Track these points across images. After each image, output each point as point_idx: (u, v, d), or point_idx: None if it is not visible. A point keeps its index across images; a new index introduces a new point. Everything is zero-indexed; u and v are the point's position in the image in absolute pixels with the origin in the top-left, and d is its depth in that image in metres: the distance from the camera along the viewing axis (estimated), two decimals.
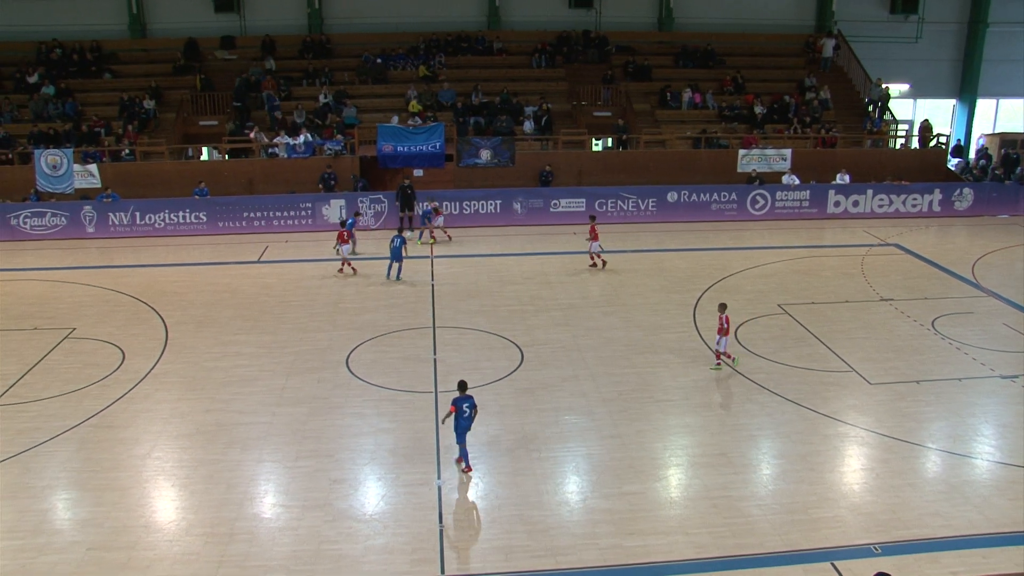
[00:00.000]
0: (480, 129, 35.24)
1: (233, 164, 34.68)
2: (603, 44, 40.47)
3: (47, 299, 25.20)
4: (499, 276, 26.14)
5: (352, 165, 33.89)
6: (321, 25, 40.74)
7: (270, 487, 15.12)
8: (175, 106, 37.27)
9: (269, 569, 12.71)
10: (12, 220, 31.85)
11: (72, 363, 20.51)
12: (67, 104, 36.66)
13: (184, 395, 18.62)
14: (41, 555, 13.24)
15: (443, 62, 39.35)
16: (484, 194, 32.56)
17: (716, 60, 40.36)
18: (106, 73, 39.00)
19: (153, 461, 16.01)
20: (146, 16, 40.63)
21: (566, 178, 34.32)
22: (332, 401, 18.03)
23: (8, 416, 17.86)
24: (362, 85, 38.44)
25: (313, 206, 32.06)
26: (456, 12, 41.09)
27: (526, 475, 15.06)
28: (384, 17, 40.81)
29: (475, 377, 18.92)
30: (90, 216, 31.99)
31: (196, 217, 32.04)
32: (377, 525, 13.75)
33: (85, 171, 32.60)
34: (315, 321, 22.83)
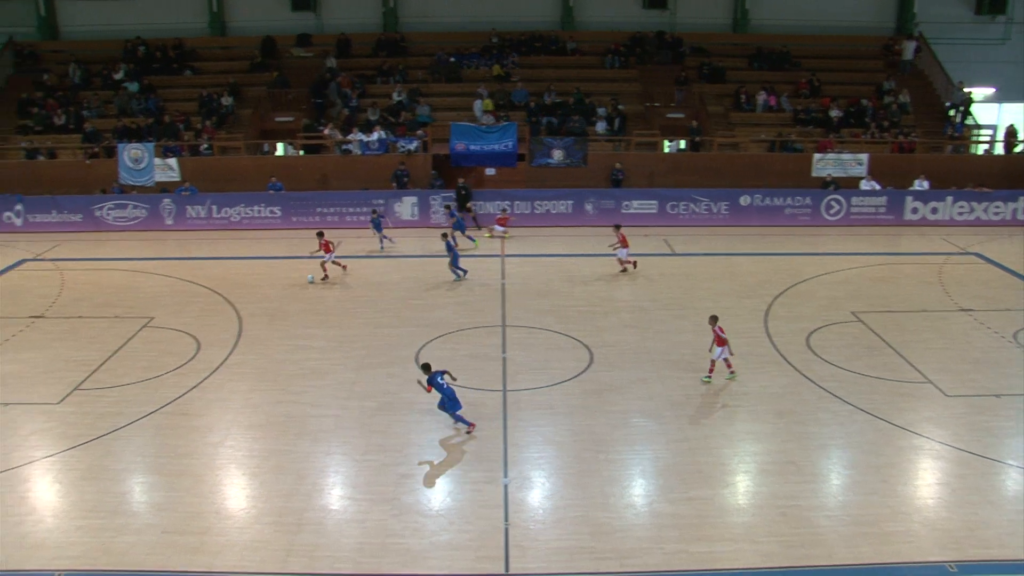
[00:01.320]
0: (552, 129, 35.24)
1: (307, 160, 35.16)
2: (677, 45, 40.16)
3: (128, 288, 25.86)
4: (569, 276, 26.12)
5: (425, 163, 34.13)
6: (396, 23, 41.11)
7: (338, 479, 15.36)
8: (252, 102, 37.92)
9: (336, 560, 12.91)
10: (96, 211, 32.79)
11: (150, 351, 21.05)
12: (149, 100, 37.54)
13: (256, 386, 18.98)
14: (119, 535, 13.66)
15: (516, 61, 39.41)
16: (556, 194, 32.53)
17: (792, 62, 39.80)
18: (187, 70, 39.85)
19: (226, 449, 16.36)
20: (226, 14, 41.43)
21: (637, 179, 34.15)
22: (401, 396, 18.21)
23: (90, 401, 18.41)
24: (435, 84, 38.69)
25: (386, 203, 32.37)
26: (530, 12, 41.12)
27: (592, 476, 15.07)
28: (458, 16, 41.04)
29: (543, 377, 19.02)
30: (169, 209, 32.74)
31: (271, 211, 32.58)
32: (443, 521, 13.88)
33: (165, 165, 33.40)
34: (385, 317, 23.07)
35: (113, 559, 13.04)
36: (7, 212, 33.03)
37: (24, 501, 14.86)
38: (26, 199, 33.01)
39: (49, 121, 37.08)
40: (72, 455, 16.23)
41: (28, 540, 13.65)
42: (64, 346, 21.60)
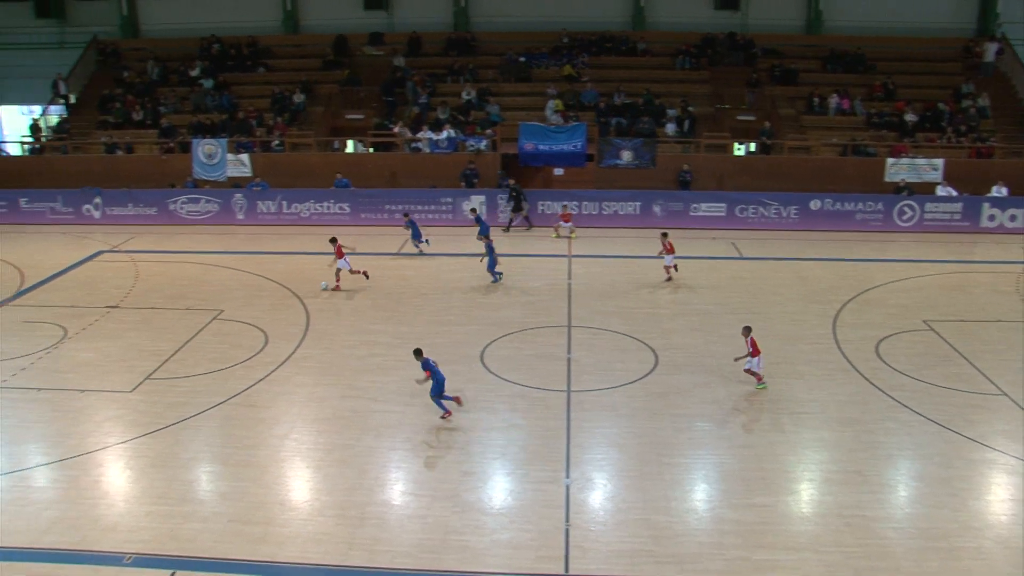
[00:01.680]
0: (622, 130, 35.11)
1: (377, 157, 35.48)
2: (749, 47, 39.70)
3: (199, 281, 26.38)
4: (636, 278, 25.99)
5: (494, 162, 34.22)
6: (467, 23, 41.29)
7: (401, 475, 15.48)
8: (324, 100, 38.39)
9: (396, 555, 13.02)
10: (171, 205, 33.53)
11: (219, 343, 21.44)
12: (223, 97, 38.23)
13: (322, 380, 19.22)
14: (187, 522, 13.94)
15: (586, 62, 39.32)
16: (624, 195, 32.39)
17: (866, 65, 39.06)
18: (260, 67, 40.49)
19: (291, 442, 16.59)
20: (299, 13, 42.00)
21: (706, 182, 33.84)
22: (465, 394, 18.23)
23: (161, 390, 18.82)
24: (505, 83, 38.77)
25: (454, 201, 32.55)
26: (600, 12, 40.94)
27: (655, 480, 14.98)
28: (528, 16, 41.04)
29: (608, 379, 18.96)
30: (240, 204, 33.31)
31: (340, 208, 32.96)
32: (504, 519, 13.91)
33: (238, 160, 33.98)
34: (451, 315, 23.18)
35: (180, 545, 13.32)
36: (86, 205, 33.97)
37: (97, 485, 15.28)
38: (104, 192, 33.92)
39: (128, 117, 38.01)
40: (143, 442, 16.61)
41: (101, 523, 14.03)
42: (137, 336, 22.12)
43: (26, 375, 19.81)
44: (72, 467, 15.83)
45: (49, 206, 34.28)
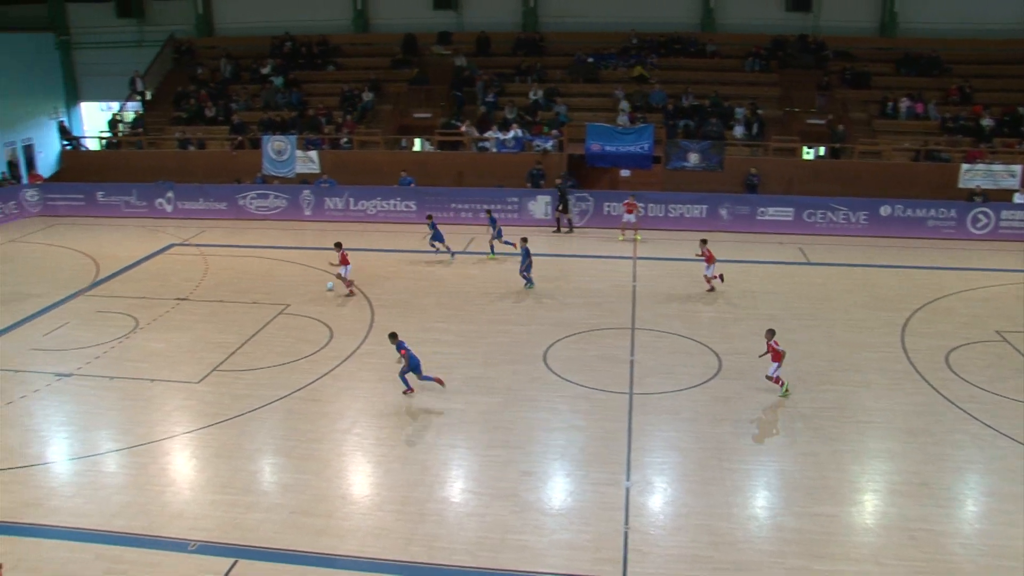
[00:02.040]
0: (689, 132, 34.84)
1: (444, 156, 35.65)
2: (820, 49, 39.07)
3: (266, 276, 26.78)
4: (701, 282, 25.72)
5: (560, 163, 34.18)
6: (536, 23, 41.29)
7: (461, 473, 15.54)
8: (392, 98, 38.71)
9: (454, 552, 13.08)
10: (240, 200, 34.12)
11: (285, 337, 21.74)
12: (293, 94, 38.75)
13: (386, 376, 19.34)
14: (250, 512, 14.17)
15: (655, 63, 39.08)
16: (690, 198, 32.12)
17: (942, 68, 38.19)
18: (330, 65, 40.95)
19: (353, 436, 16.77)
20: (369, 12, 42.38)
21: (774, 186, 33.43)
22: (527, 394, 18.30)
23: (227, 382, 19.15)
24: (572, 84, 38.70)
25: (520, 201, 32.59)
26: (670, 13, 40.62)
27: (716, 485, 14.85)
28: (597, 17, 40.89)
29: (670, 382, 18.84)
30: (308, 200, 33.74)
31: (406, 206, 33.21)
32: (563, 520, 13.89)
33: (306, 157, 34.42)
34: (515, 314, 23.21)
35: (243, 534, 13.55)
36: (159, 199, 34.73)
37: (165, 473, 15.61)
38: (176, 187, 34.63)
39: (201, 113, 38.74)
40: (209, 432, 16.92)
41: (168, 509, 14.34)
42: (205, 328, 22.53)
43: (99, 363, 20.33)
44: (141, 454, 16.20)
45: (124, 199, 35.16)
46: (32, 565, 12.89)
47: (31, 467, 15.93)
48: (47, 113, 42.67)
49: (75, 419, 17.80)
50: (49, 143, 42.60)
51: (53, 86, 43.80)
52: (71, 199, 35.78)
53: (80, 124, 45.47)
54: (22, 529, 13.90)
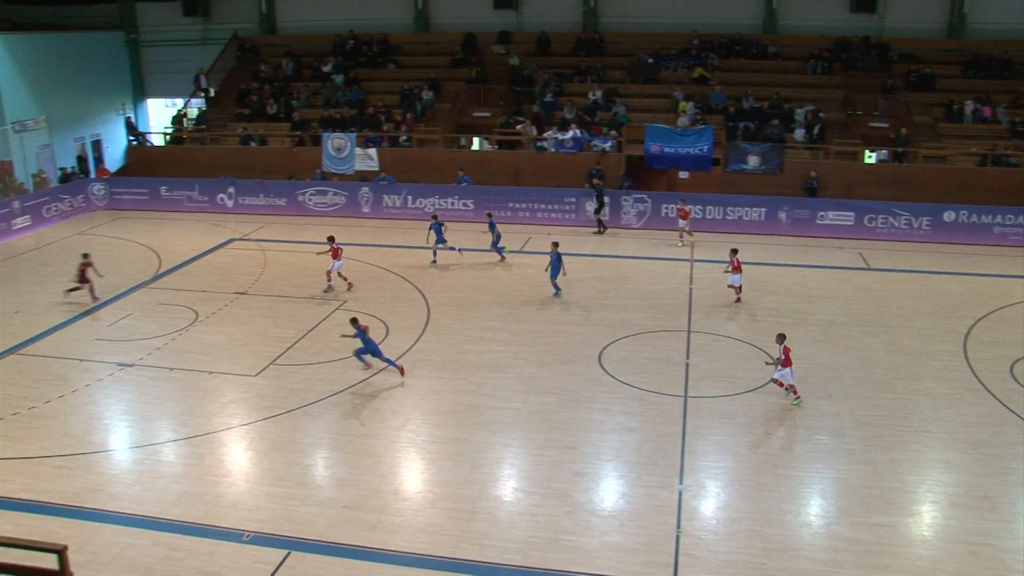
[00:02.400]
0: (749, 134, 34.49)
1: (502, 155, 35.71)
2: (884, 51, 38.42)
3: (324, 271, 26.93)
4: (758, 285, 25.48)
5: (619, 163, 34.05)
6: (596, 23, 41.18)
7: (514, 472, 15.55)
8: (451, 97, 38.86)
9: (505, 551, 13.09)
10: (299, 196, 34.52)
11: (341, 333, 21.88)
12: (354, 92, 39.07)
13: (440, 374, 19.46)
14: (303, 505, 14.34)
15: (715, 64, 38.75)
16: (749, 201, 31.77)
17: (1012, 70, 37.28)
18: (390, 64, 41.23)
19: (407, 433, 16.86)
20: (430, 11, 42.61)
21: (834, 190, 32.93)
22: (581, 395, 18.26)
23: (284, 376, 19.39)
24: (632, 84, 38.53)
25: (577, 201, 32.51)
26: (732, 14, 40.22)
27: (770, 491, 14.68)
28: (658, 17, 40.64)
29: (725, 386, 18.67)
30: (367, 197, 34.02)
31: (463, 204, 33.32)
32: (614, 522, 13.85)
33: (365, 155, 34.67)
34: (570, 315, 23.16)
35: (296, 527, 13.70)
36: (220, 194, 35.25)
37: (221, 464, 15.86)
38: (237, 182, 35.12)
39: (262, 110, 39.24)
40: (264, 425, 17.13)
41: (224, 500, 14.56)
42: (263, 322, 22.82)
43: (160, 355, 20.70)
44: (199, 445, 16.47)
45: (186, 194, 35.76)
46: (95, 549, 13.20)
47: (94, 454, 16.30)
48: (115, 109, 43.60)
49: (136, 408, 18.17)
50: (116, 138, 43.56)
51: (121, 83, 44.75)
52: (136, 193, 36.49)
53: (146, 120, 46.40)
54: (85, 513, 14.26)
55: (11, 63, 37.05)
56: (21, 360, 20.76)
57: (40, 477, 15.40)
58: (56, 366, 20.31)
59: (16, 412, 17.90)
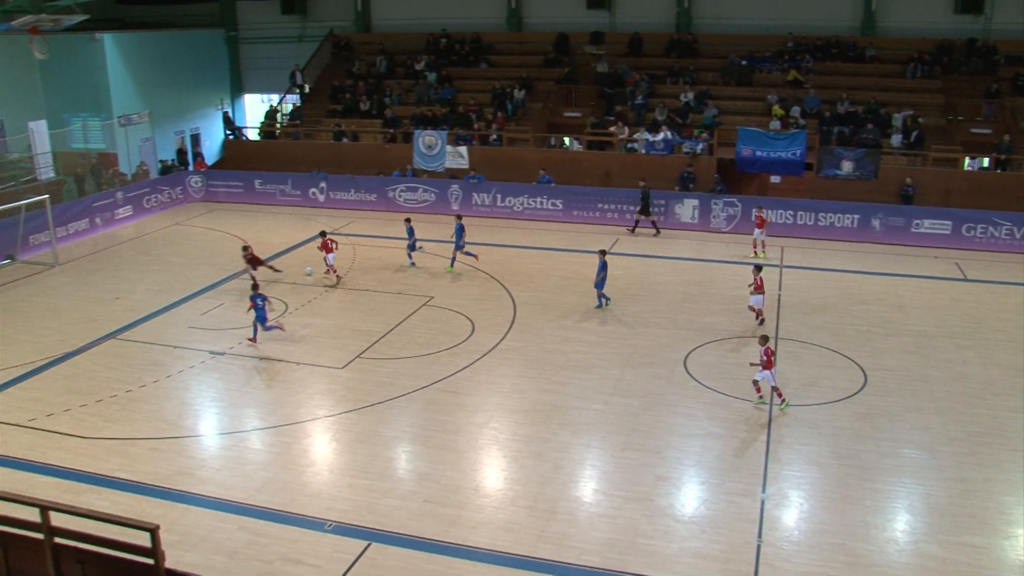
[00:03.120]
0: (844, 139, 33.74)
1: (592, 156, 35.60)
2: (990, 54, 37.13)
3: (409, 268, 27.28)
4: (849, 293, 24.96)
5: (710, 166, 33.67)
6: (689, 24, 40.77)
7: (595, 473, 15.52)
8: (542, 96, 38.89)
9: (583, 552, 13.08)
10: (390, 192, 34.95)
11: (427, 329, 22.14)
12: (445, 90, 39.39)
13: (524, 372, 19.50)
14: (385, 498, 14.53)
15: (810, 67, 38.02)
16: (842, 207, 31.07)
17: None
18: (482, 63, 41.44)
19: (489, 430, 16.94)
20: (523, 11, 42.69)
21: (931, 197, 32.00)
22: (665, 398, 18.13)
23: (369, 369, 19.66)
24: (725, 86, 38.06)
25: (666, 203, 32.24)
26: (829, 16, 39.33)
27: (855, 504, 14.37)
28: (752, 18, 40.00)
29: (812, 394, 18.34)
30: (456, 194, 34.27)
31: (552, 204, 33.32)
32: (695, 528, 13.72)
33: (456, 152, 34.89)
34: (657, 317, 22.98)
35: (377, 519, 13.88)
36: (312, 188, 35.89)
37: (306, 453, 16.17)
38: (329, 177, 35.71)
39: (355, 106, 39.81)
40: (349, 417, 17.40)
41: (308, 489, 14.85)
42: (351, 316, 23.18)
43: (250, 344, 21.14)
44: (285, 434, 16.81)
45: (280, 188, 36.51)
46: (183, 530, 13.59)
47: (185, 438, 16.78)
48: (213, 104, 44.72)
49: (225, 396, 18.64)
50: (214, 132, 44.73)
51: (220, 79, 45.95)
52: (231, 186, 37.42)
53: (243, 115, 47.51)
54: (175, 495, 14.70)
55: (119, 60, 38.34)
56: (120, 345, 21.49)
57: (135, 458, 15.93)
58: (152, 352, 20.96)
59: (114, 395, 18.54)
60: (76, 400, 18.31)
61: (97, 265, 27.78)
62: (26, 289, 25.96)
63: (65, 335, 22.09)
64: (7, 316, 23.63)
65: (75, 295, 25.38)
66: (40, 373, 19.82)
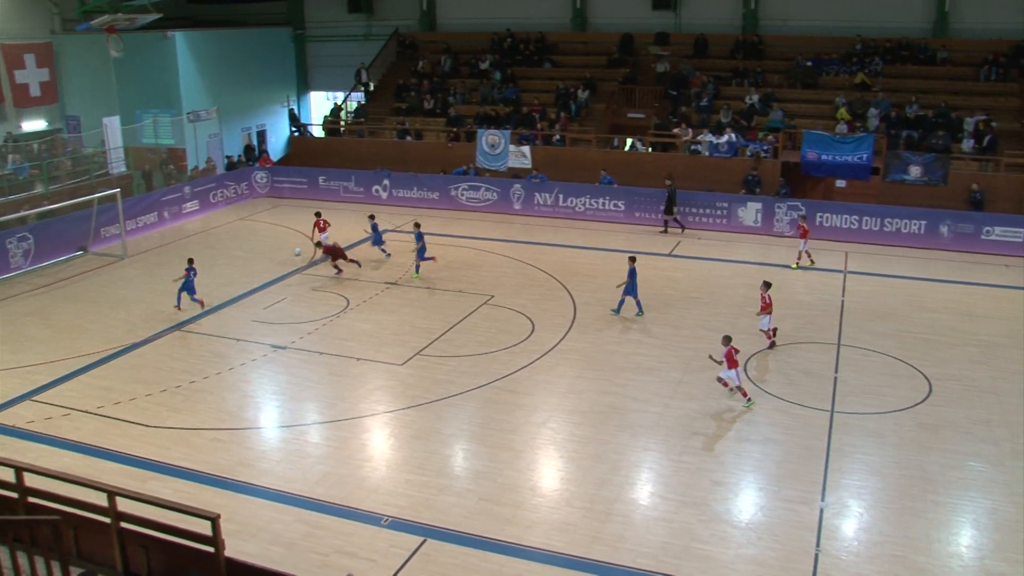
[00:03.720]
0: (912, 143, 33.11)
1: (655, 157, 35.42)
2: None
3: (473, 266, 27.45)
4: (915, 301, 24.50)
5: (774, 169, 33.28)
6: (755, 25, 40.32)
7: (652, 476, 15.47)
8: (606, 97, 38.77)
9: (638, 555, 13.03)
10: (452, 191, 35.11)
11: (487, 328, 22.22)
12: (509, 89, 39.47)
13: (583, 373, 19.48)
14: (441, 494, 14.62)
15: (879, 70, 37.35)
16: (909, 212, 30.45)
17: None
18: (547, 63, 41.44)
19: (547, 430, 16.96)
20: (588, 11, 42.56)
21: (1003, 204, 31.18)
22: (725, 403, 18.00)
23: (429, 366, 19.79)
24: (791, 89, 37.58)
25: (729, 206, 31.94)
26: (900, 17, 38.47)
27: (917, 517, 14.10)
28: (821, 20, 39.37)
29: (874, 403, 18.04)
30: (518, 194, 34.32)
31: (614, 205, 33.22)
32: (751, 535, 13.59)
33: (519, 152, 34.96)
34: (717, 321, 22.75)
35: (433, 515, 13.97)
36: (376, 185, 36.24)
37: (364, 448, 16.36)
38: (392, 175, 36.00)
39: (419, 105, 40.08)
40: (407, 414, 17.54)
41: (365, 483, 15.01)
42: (411, 313, 23.35)
43: (311, 339, 21.45)
44: (343, 428, 17.00)
45: (343, 185, 36.94)
46: (243, 519, 13.82)
47: (246, 429, 17.08)
48: (279, 101, 45.31)
49: (286, 389, 18.92)
50: (279, 129, 45.31)
51: (287, 76, 46.53)
52: (295, 182, 37.93)
53: (308, 112, 48.07)
54: (236, 485, 14.97)
55: (189, 57, 39.05)
56: (185, 336, 21.93)
57: (197, 448, 16.24)
58: (215, 344, 21.35)
59: (179, 385, 18.92)
60: (142, 389, 18.74)
61: (164, 258, 28.35)
62: (97, 280, 26.63)
63: (133, 325, 22.63)
64: (79, 306, 24.26)
65: (142, 287, 25.95)
66: (109, 362, 20.34)
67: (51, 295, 25.33)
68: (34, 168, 33.94)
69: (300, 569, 12.36)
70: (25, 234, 27.43)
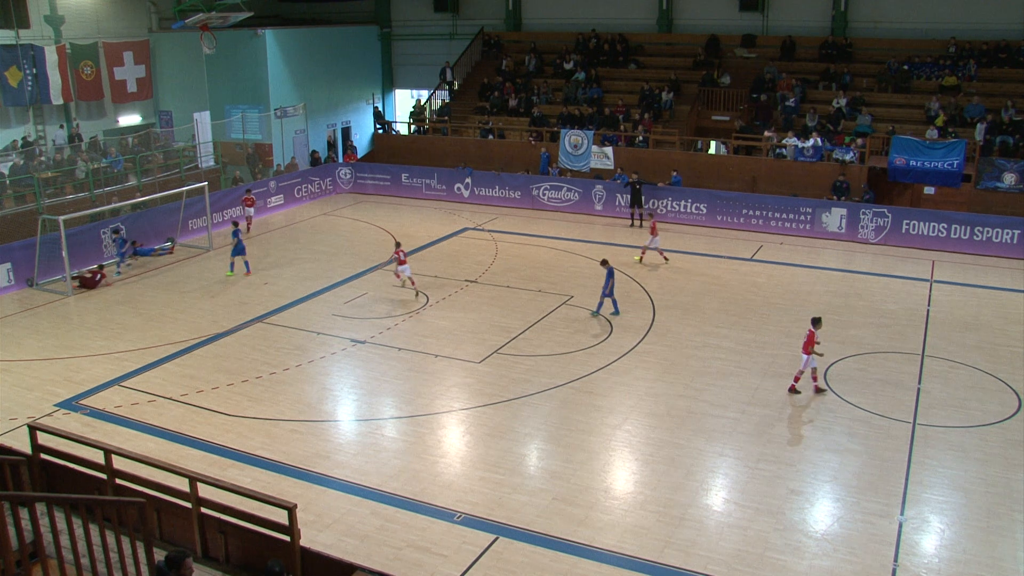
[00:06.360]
0: (1007, 150, 32.16)
1: (739, 160, 35.02)
2: None
3: (553, 266, 27.47)
4: (1007, 313, 23.77)
5: (860, 175, 32.64)
6: (845, 28, 39.54)
7: (727, 482, 15.31)
8: (690, 99, 38.45)
9: (711, 562, 12.92)
10: (534, 191, 35.19)
11: (565, 328, 22.23)
12: (593, 89, 39.38)
13: (661, 377, 19.37)
14: (514, 493, 14.68)
15: (973, 73, 36.31)
16: (1001, 221, 29.48)
17: None
18: (631, 63, 41.24)
19: (623, 433, 16.90)
20: (674, 12, 42.22)
21: None
22: (803, 411, 17.73)
23: (507, 365, 19.88)
24: (880, 93, 36.78)
25: (813, 211, 31.42)
26: (995, 19, 37.19)
27: (1004, 536, 13.70)
28: (913, 22, 38.41)
29: (959, 417, 17.57)
30: (600, 195, 34.25)
31: (696, 208, 32.94)
32: (827, 546, 13.38)
33: (601, 152, 34.93)
34: (798, 328, 22.29)
35: (506, 514, 14.04)
36: (458, 184, 36.49)
37: (440, 444, 16.50)
38: (475, 173, 36.22)
39: (503, 104, 40.26)
40: (484, 412, 17.64)
41: (440, 479, 15.14)
42: (490, 311, 23.46)
43: (390, 334, 21.70)
44: (420, 424, 17.18)
45: (425, 182, 37.28)
46: (318, 510, 14.08)
47: (323, 422, 17.36)
48: (365, 99, 45.94)
49: (364, 383, 19.18)
50: (364, 126, 45.92)
51: (372, 74, 47.10)
52: (379, 179, 38.42)
53: (392, 110, 48.63)
54: (312, 476, 15.24)
55: (278, 54, 39.80)
56: (267, 328, 22.38)
57: (276, 438, 16.58)
58: (296, 337, 21.74)
59: (259, 376, 19.33)
60: (224, 379, 19.19)
61: (248, 251, 28.95)
62: (184, 271, 27.35)
63: (217, 316, 23.18)
64: (167, 296, 24.95)
65: (227, 279, 26.53)
66: (193, 351, 20.88)
67: (143, 283, 26.11)
68: (128, 161, 34.96)
69: (373, 561, 12.52)
70: (118, 225, 28.31)
